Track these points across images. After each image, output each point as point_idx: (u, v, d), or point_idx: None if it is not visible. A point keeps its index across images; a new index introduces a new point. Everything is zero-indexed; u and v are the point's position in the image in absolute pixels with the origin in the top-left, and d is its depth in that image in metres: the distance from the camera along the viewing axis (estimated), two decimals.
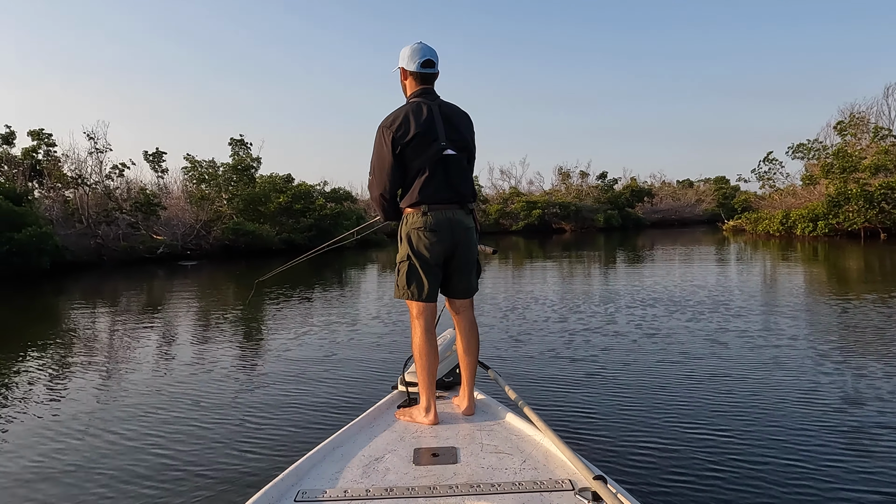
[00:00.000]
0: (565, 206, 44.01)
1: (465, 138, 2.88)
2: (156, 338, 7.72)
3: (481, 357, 3.10)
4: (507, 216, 43.75)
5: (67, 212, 23.22)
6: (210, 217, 25.73)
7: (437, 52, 2.89)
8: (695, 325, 7.32)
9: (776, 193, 33.16)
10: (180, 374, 5.79)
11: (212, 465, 3.52)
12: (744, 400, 4.41)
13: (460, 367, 2.95)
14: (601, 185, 49.05)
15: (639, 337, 6.75)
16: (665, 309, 8.54)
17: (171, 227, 24.74)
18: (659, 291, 10.42)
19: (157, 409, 4.69)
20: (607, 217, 43.67)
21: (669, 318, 7.82)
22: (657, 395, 4.58)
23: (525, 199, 44.28)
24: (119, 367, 6.17)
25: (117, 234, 22.91)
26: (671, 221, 49.85)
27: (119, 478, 3.40)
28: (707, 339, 6.51)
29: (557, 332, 7.20)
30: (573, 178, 50.01)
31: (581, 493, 1.99)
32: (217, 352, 6.72)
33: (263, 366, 6.06)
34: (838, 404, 4.28)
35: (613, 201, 46.82)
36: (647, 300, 9.44)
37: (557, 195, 47.10)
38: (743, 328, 7.04)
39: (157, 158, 30.62)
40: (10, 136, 21.65)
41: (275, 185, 29.22)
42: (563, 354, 6.03)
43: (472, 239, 2.89)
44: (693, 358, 5.71)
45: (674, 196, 56.10)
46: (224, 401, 4.85)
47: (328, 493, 2.06)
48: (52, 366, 6.24)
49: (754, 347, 6.08)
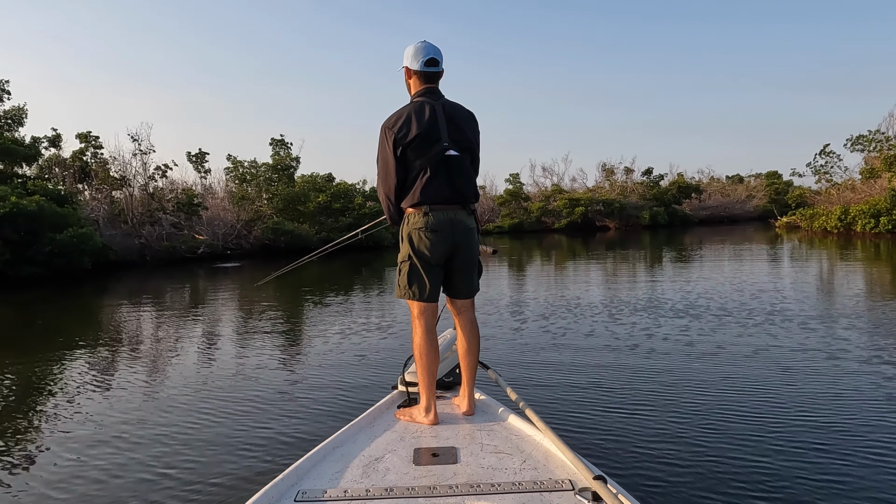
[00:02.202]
0: (609, 203, 42.97)
1: (468, 139, 2.84)
2: (163, 339, 7.67)
3: (481, 357, 3.08)
4: (549, 214, 43.01)
5: (114, 212, 23.69)
6: (251, 217, 25.91)
7: (441, 51, 2.86)
8: (701, 327, 7.14)
9: (833, 188, 31.54)
10: (180, 373, 5.80)
11: (212, 466, 3.52)
12: (744, 400, 4.38)
13: (461, 367, 2.94)
14: (647, 182, 47.79)
15: (650, 340, 6.52)
16: (676, 311, 8.08)
17: (213, 227, 24.99)
18: (689, 293, 9.79)
19: (156, 409, 4.69)
20: (653, 214, 42.48)
21: (683, 321, 7.50)
22: (657, 396, 4.55)
23: (568, 197, 43.41)
24: (119, 367, 6.15)
25: (160, 234, 23.25)
26: (720, 218, 48.26)
27: (119, 478, 3.40)
28: (711, 341, 6.36)
29: (560, 332, 7.12)
30: (617, 175, 48.88)
31: (581, 493, 1.97)
32: (217, 353, 6.72)
33: (264, 366, 6.02)
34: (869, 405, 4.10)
35: (659, 198, 45.51)
36: (678, 303, 8.85)
37: (601, 192, 46.05)
38: (745, 327, 6.75)
39: (200, 159, 31.07)
40: (56, 139, 22.13)
41: (315, 184, 29.28)
42: (564, 355, 5.97)
43: (474, 239, 2.86)
44: (695, 359, 5.64)
45: (723, 192, 54.39)
46: (224, 401, 4.85)
47: (328, 493, 2.06)
48: (63, 365, 6.13)
49: (758, 348, 5.97)
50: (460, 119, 2.82)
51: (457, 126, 2.79)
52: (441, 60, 2.86)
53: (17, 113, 19.87)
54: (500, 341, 6.74)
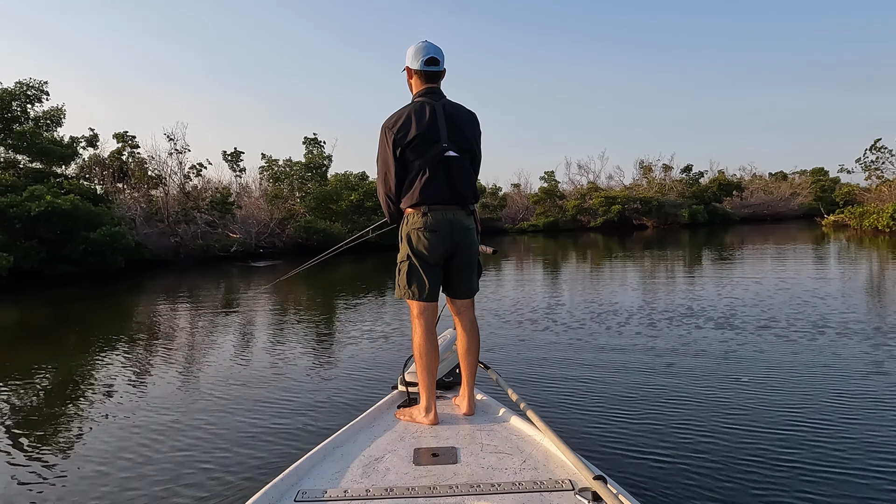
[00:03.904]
0: (647, 201, 41.94)
1: (468, 140, 2.83)
2: (178, 339, 7.66)
3: (481, 357, 3.08)
4: (584, 212, 42.25)
5: (151, 211, 24.02)
6: (284, 215, 26.00)
7: (442, 51, 2.86)
8: (705, 327, 7.02)
9: (885, 185, 30.09)
10: (180, 375, 5.82)
11: (212, 465, 3.51)
12: (745, 401, 4.34)
13: (461, 367, 2.94)
14: (686, 179, 46.57)
15: (659, 342, 6.36)
16: (690, 313, 7.63)
17: (246, 226, 25.15)
18: (711, 296, 9.26)
19: (156, 409, 4.69)
20: (692, 212, 41.27)
21: (694, 322, 7.26)
22: (658, 396, 4.52)
23: (604, 195, 42.54)
24: (118, 367, 6.17)
25: (195, 232, 23.46)
26: (763, 216, 46.71)
27: (117, 478, 3.40)
28: (714, 342, 6.26)
29: (564, 333, 7.04)
30: (655, 172, 47.76)
31: (581, 493, 1.97)
32: (219, 352, 6.74)
33: (264, 366, 6.01)
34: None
35: (699, 196, 44.24)
36: (708, 307, 8.35)
37: (638, 190, 45.00)
38: (746, 328, 6.35)
39: (236, 158, 31.36)
40: (93, 139, 22.50)
41: (347, 182, 29.25)
42: (565, 355, 5.94)
43: (473, 239, 2.87)
44: (698, 360, 5.56)
45: (766, 189, 52.71)
46: (224, 401, 4.84)
47: (328, 493, 2.06)
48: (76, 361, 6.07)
49: (764, 348, 5.88)
50: (460, 120, 2.82)
51: (457, 127, 2.79)
52: (442, 60, 2.85)
53: (56, 113, 20.20)
54: (503, 341, 6.66)
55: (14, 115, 19.02)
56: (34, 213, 15.36)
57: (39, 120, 19.73)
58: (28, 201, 15.57)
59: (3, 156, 19.36)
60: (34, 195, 15.85)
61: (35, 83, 19.15)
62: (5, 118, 18.86)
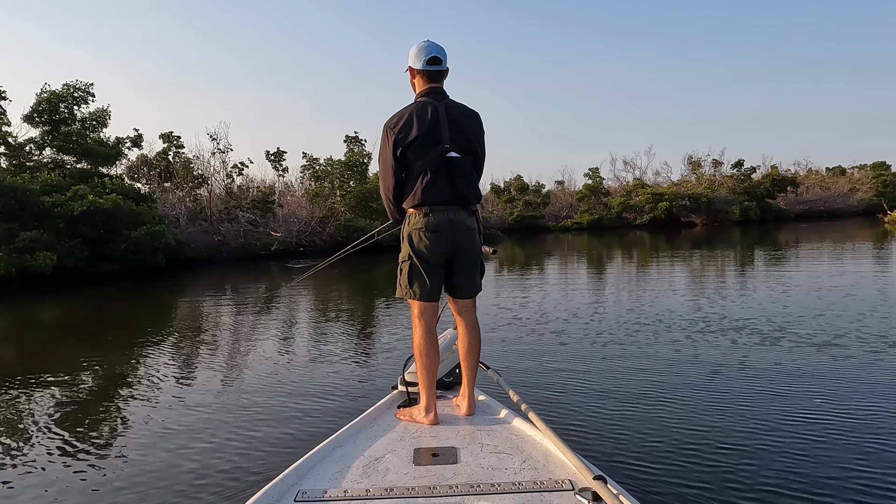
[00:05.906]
0: (696, 197, 40.62)
1: (470, 140, 2.81)
2: (196, 339, 7.51)
3: (482, 357, 3.06)
4: (630, 209, 41.25)
5: (196, 210, 24.35)
6: (325, 214, 26.01)
7: (445, 50, 2.84)
8: (707, 330, 6.83)
9: None
10: (180, 374, 5.82)
11: (212, 466, 3.48)
12: (745, 401, 4.29)
13: (461, 367, 2.93)
14: (737, 175, 44.88)
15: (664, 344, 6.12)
16: (713, 320, 7.08)
17: (288, 224, 25.26)
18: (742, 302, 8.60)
19: (156, 409, 4.70)
20: (744, 209, 39.71)
21: (704, 327, 6.72)
22: (658, 396, 4.48)
23: (651, 191, 41.43)
24: (118, 368, 6.15)
25: (237, 230, 23.67)
26: (819, 213, 44.67)
27: (116, 478, 3.39)
28: (716, 343, 6.15)
29: (567, 332, 7.01)
30: (705, 168, 46.19)
31: (581, 493, 1.95)
32: (218, 353, 6.74)
33: (265, 366, 5.98)
34: None
35: (751, 192, 42.54)
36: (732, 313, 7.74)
37: (687, 186, 43.66)
38: (745, 333, 6.10)
39: (279, 158, 31.57)
40: (138, 139, 22.89)
41: None
42: (566, 355, 5.89)
43: (475, 240, 2.85)
44: (698, 360, 5.49)
45: (822, 185, 50.55)
46: (224, 401, 4.84)
47: (328, 493, 2.06)
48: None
49: (762, 354, 5.66)
50: (462, 120, 2.79)
51: (459, 127, 2.76)
52: (444, 59, 2.82)
53: (101, 114, 20.57)
54: (505, 339, 6.63)
55: (62, 117, 19.43)
56: (77, 212, 15.60)
57: (86, 121, 20.11)
58: (71, 201, 15.83)
59: (50, 156, 19.78)
60: (77, 195, 16.11)
61: (82, 85, 19.54)
62: (53, 120, 19.28)
